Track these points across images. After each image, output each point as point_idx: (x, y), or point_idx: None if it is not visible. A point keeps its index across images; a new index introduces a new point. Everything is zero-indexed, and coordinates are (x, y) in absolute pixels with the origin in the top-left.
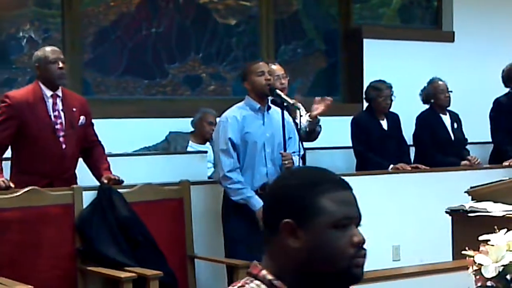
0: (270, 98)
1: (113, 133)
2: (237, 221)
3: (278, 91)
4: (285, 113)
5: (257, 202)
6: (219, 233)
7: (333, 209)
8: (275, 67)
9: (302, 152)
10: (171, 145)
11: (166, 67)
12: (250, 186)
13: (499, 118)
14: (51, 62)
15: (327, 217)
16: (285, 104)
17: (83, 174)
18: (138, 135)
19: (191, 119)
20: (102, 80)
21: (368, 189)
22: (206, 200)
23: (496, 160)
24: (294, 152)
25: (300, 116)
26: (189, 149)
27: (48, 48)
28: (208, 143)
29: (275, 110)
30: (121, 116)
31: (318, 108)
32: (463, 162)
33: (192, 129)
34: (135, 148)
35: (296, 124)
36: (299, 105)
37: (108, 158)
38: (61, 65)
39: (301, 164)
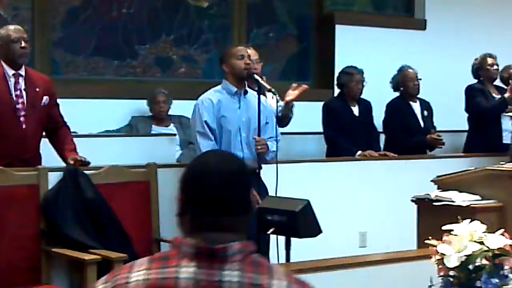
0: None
1: (82, 113)
2: None
3: (256, 76)
4: (263, 98)
5: None
6: None
7: None
8: (250, 51)
9: (279, 138)
10: (133, 130)
11: (136, 48)
12: None
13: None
14: (14, 41)
15: None
16: (262, 89)
17: (48, 155)
18: (107, 116)
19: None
20: (72, 60)
21: (337, 175)
22: (174, 184)
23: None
24: (271, 138)
25: (277, 102)
26: (153, 132)
27: (11, 27)
28: (172, 125)
29: (253, 95)
30: (90, 96)
31: (291, 94)
32: (430, 136)
33: (151, 114)
34: (98, 131)
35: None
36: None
37: (75, 139)
38: (23, 44)
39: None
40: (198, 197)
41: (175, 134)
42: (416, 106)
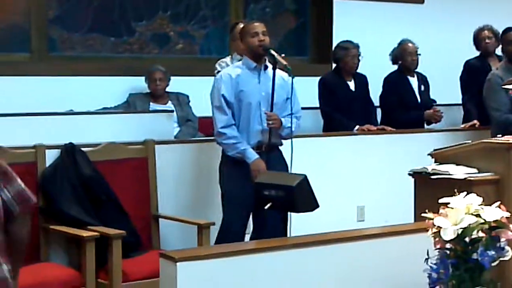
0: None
1: (79, 91)
2: (235, 177)
3: (272, 51)
4: (285, 74)
5: (252, 155)
6: (184, 193)
7: None
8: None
9: (300, 114)
10: (131, 107)
11: (133, 25)
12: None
13: (469, 80)
14: None
15: None
16: (277, 64)
17: None
18: (104, 93)
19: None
20: (68, 37)
21: (334, 150)
22: (171, 160)
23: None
24: (292, 114)
25: (292, 78)
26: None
27: None
28: (170, 102)
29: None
30: (87, 73)
31: None
32: (427, 112)
33: (149, 91)
34: (95, 108)
35: None
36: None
37: (73, 117)
38: None
39: (295, 126)
40: None
41: (173, 111)
42: (413, 81)
